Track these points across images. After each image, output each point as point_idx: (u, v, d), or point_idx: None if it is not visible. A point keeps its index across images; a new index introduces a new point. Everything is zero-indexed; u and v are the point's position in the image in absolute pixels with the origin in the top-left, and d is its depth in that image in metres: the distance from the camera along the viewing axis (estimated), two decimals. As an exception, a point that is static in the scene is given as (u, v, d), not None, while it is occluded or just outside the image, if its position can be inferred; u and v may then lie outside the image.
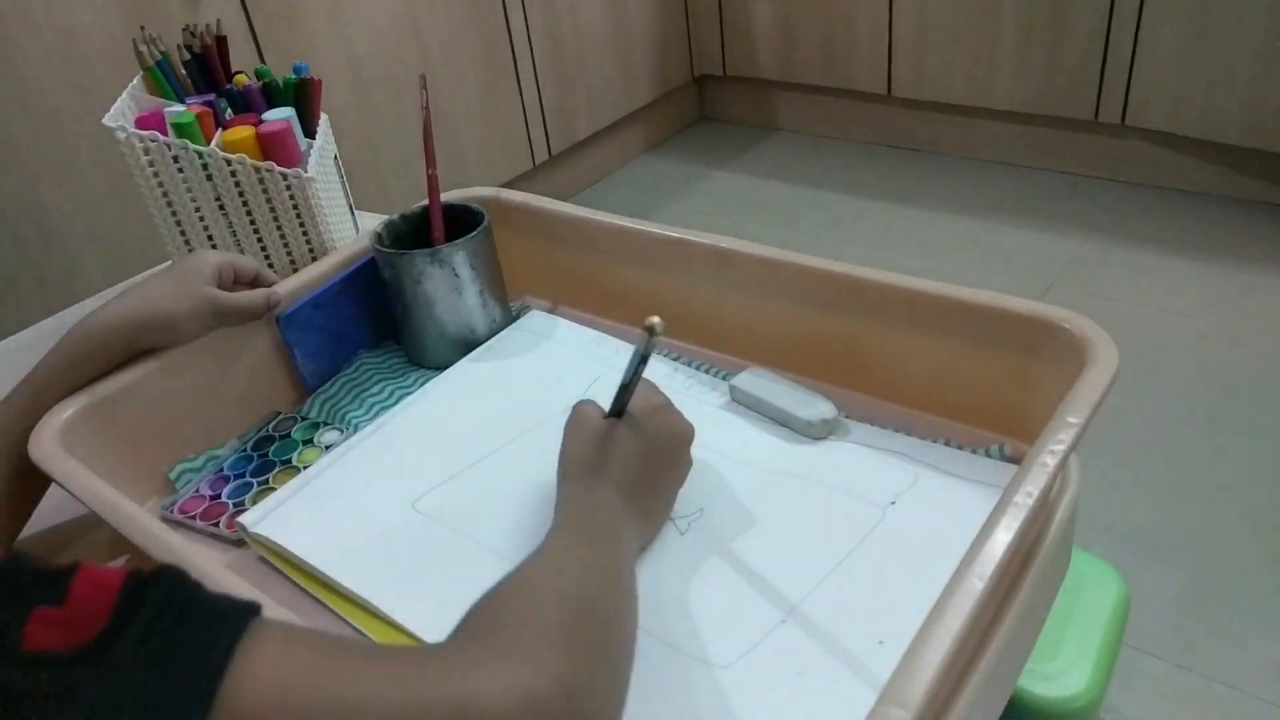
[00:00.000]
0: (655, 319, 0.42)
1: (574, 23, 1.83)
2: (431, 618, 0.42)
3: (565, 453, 0.47)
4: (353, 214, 0.79)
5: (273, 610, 0.34)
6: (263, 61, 1.35)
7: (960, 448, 0.50)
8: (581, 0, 1.83)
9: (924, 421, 0.53)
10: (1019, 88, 1.78)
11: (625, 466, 0.45)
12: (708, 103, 2.28)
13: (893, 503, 0.47)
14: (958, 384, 0.52)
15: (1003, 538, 0.35)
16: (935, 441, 0.51)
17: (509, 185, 1.80)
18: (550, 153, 1.88)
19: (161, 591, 0.27)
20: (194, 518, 0.53)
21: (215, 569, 0.41)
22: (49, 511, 0.53)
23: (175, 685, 0.25)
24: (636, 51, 2.00)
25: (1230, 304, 1.43)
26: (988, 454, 0.49)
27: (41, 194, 1.17)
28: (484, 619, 0.34)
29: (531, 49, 1.77)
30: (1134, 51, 1.62)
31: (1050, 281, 1.54)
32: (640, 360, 0.44)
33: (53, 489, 0.51)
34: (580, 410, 0.48)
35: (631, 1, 1.94)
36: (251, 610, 0.28)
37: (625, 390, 0.46)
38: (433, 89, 1.59)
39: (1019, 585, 0.41)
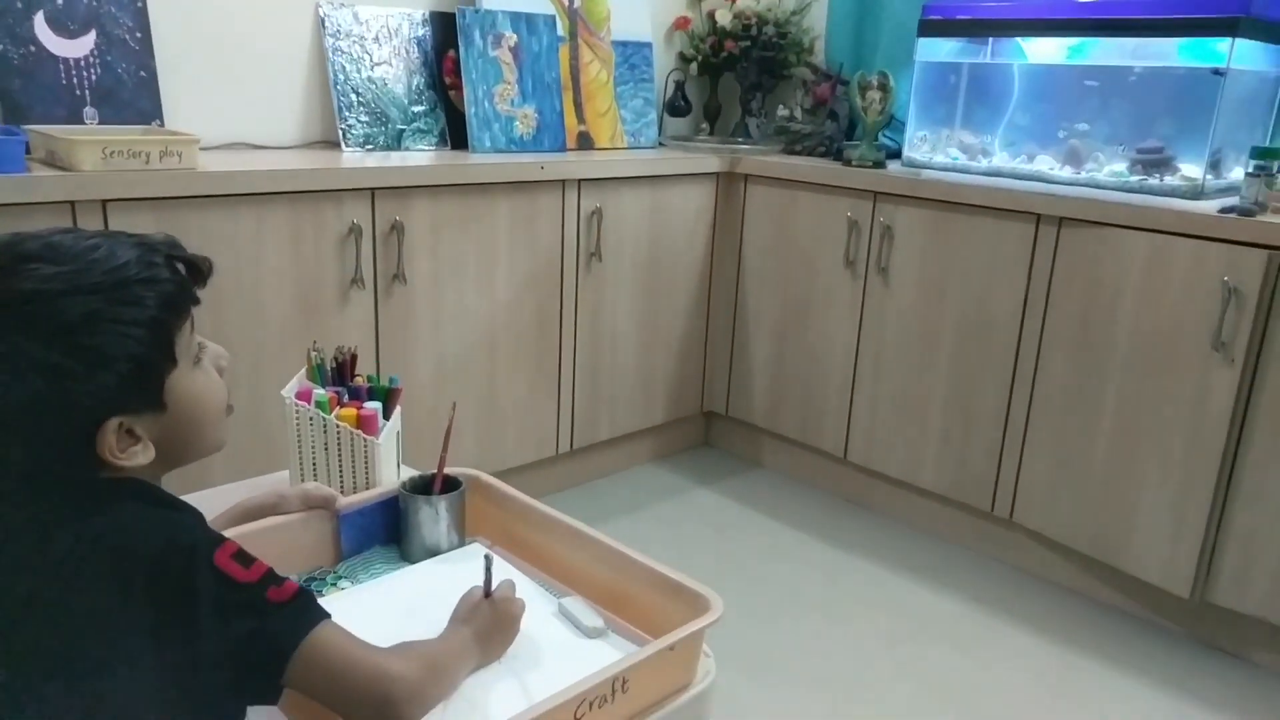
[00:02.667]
0: (487, 554, 0.93)
1: (612, 353, 2.44)
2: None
3: (456, 607, 0.94)
4: (399, 466, 1.31)
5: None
6: (378, 354, 1.96)
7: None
8: (621, 340, 2.45)
9: (643, 637, 0.98)
10: (939, 475, 2.27)
11: (480, 622, 0.92)
12: (712, 433, 2.84)
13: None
14: (663, 618, 0.97)
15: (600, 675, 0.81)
16: (640, 645, 0.96)
17: (536, 465, 2.35)
18: (572, 446, 2.42)
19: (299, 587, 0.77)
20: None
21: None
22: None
23: (288, 626, 0.74)
24: (658, 384, 2.59)
25: (1053, 678, 1.81)
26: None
27: (210, 407, 1.74)
28: (405, 648, 0.83)
29: (575, 366, 2.36)
30: (1019, 467, 2.12)
31: (918, 629, 1.95)
32: (486, 569, 0.93)
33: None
34: (470, 590, 0.95)
35: (660, 347, 2.56)
36: (327, 614, 0.78)
37: (487, 584, 0.94)
38: (493, 384, 2.19)
39: None
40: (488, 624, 0.92)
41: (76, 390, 0.71)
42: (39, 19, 1.78)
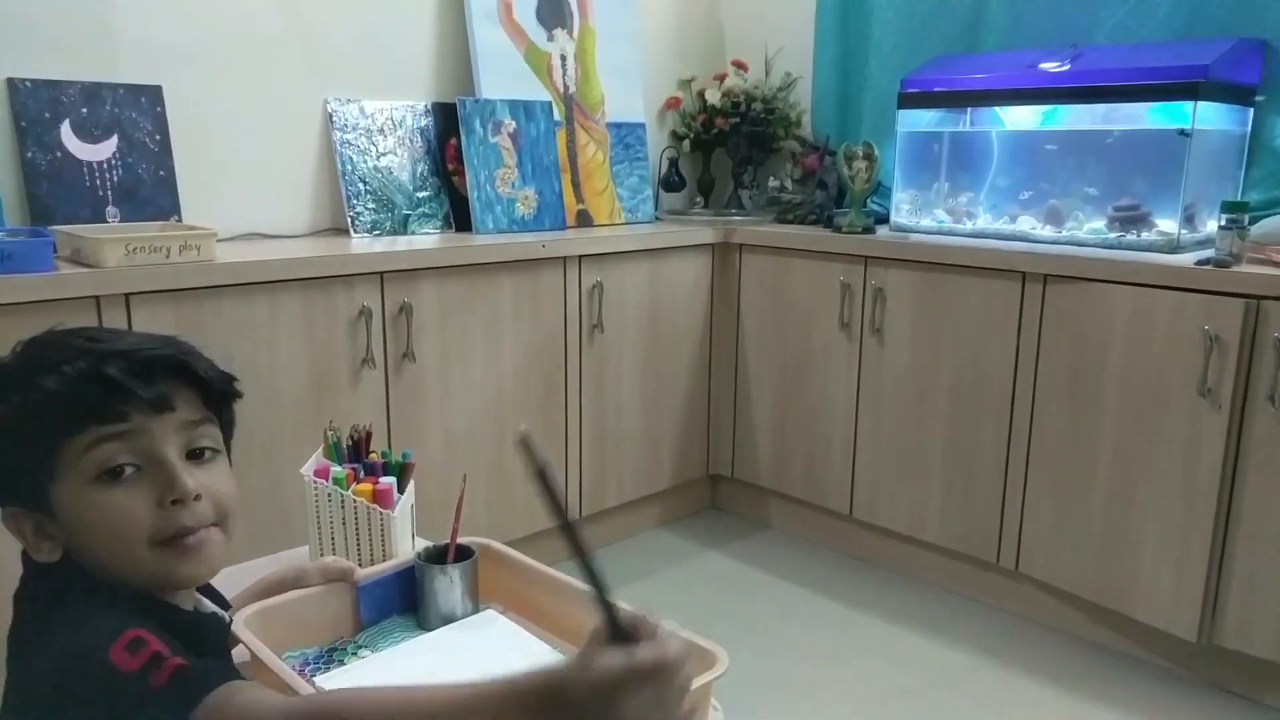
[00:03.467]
0: (524, 429, 0.63)
1: (617, 421, 2.50)
2: None
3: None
4: (413, 538, 1.36)
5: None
6: (389, 430, 2.03)
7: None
8: (625, 408, 2.51)
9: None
10: (943, 528, 2.31)
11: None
12: (719, 496, 2.88)
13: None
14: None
15: None
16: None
17: (545, 533, 2.39)
18: (581, 513, 2.47)
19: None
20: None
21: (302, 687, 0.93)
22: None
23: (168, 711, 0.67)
24: (664, 450, 2.64)
25: (1062, 725, 1.83)
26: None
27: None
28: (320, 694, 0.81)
29: (581, 435, 2.42)
30: (1021, 517, 2.16)
31: (930, 683, 1.96)
32: (601, 596, 0.62)
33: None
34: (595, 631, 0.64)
35: (665, 414, 2.62)
36: (209, 686, 0.68)
37: (613, 618, 0.62)
38: (502, 456, 2.24)
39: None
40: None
41: None
42: (65, 127, 1.89)
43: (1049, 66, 2.16)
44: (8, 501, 0.76)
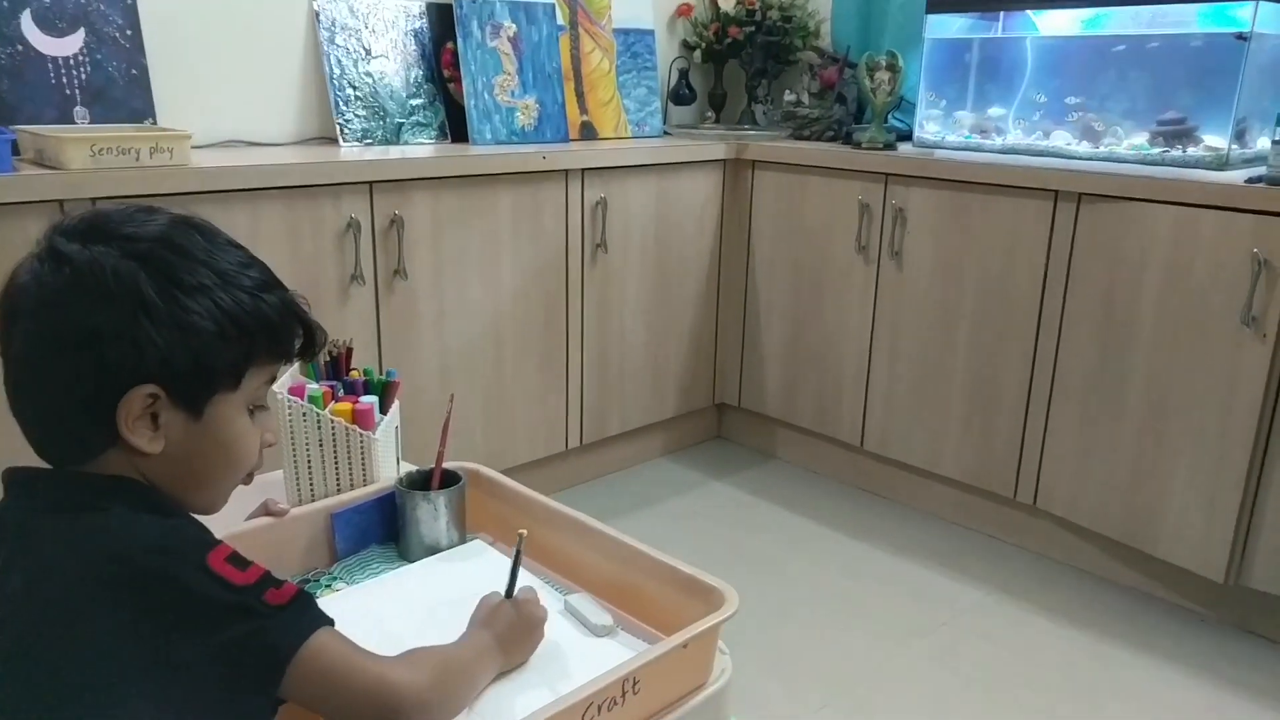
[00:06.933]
0: (523, 531, 0.86)
1: (621, 346, 2.39)
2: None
3: (475, 611, 0.89)
4: (399, 463, 1.26)
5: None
6: (380, 350, 1.92)
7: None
8: (629, 332, 2.40)
9: (654, 634, 0.93)
10: (959, 462, 2.21)
11: (502, 625, 0.87)
12: (724, 426, 2.78)
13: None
14: (675, 614, 0.92)
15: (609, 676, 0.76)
16: (651, 643, 0.91)
17: (546, 460, 2.30)
18: (582, 441, 2.37)
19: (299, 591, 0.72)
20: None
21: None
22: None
23: (286, 629, 0.69)
24: (669, 377, 2.53)
25: (1084, 666, 1.75)
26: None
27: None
28: (413, 654, 0.78)
29: (583, 360, 2.31)
30: (1041, 451, 2.06)
31: (944, 620, 1.89)
32: (517, 554, 0.87)
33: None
34: (489, 594, 0.90)
35: (670, 339, 2.51)
36: (329, 620, 0.73)
37: (511, 584, 0.89)
38: (500, 379, 2.14)
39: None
40: (509, 626, 0.87)
41: (147, 336, 0.69)
42: (26, 17, 1.75)
43: (1093, -34, 1.99)
44: (167, 386, 0.71)
